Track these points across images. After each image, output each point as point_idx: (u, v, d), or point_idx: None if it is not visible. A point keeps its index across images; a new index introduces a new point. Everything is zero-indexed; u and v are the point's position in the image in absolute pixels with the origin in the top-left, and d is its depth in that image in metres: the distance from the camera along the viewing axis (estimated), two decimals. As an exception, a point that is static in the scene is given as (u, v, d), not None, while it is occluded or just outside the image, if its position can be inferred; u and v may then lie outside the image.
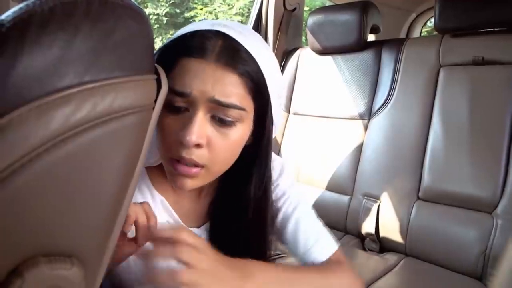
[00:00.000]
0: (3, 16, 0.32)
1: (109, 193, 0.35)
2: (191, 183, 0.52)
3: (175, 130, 0.49)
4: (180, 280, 0.42)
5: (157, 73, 0.43)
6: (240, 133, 0.52)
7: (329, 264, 0.64)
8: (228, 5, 12.33)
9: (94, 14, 0.35)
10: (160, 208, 0.58)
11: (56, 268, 0.31)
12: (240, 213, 0.60)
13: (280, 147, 1.59)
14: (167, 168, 0.53)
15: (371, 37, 1.78)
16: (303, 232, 0.64)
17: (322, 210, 1.41)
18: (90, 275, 0.36)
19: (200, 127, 0.48)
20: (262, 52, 0.53)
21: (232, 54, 0.49)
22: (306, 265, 0.64)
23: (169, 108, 0.50)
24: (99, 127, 0.34)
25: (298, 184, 1.48)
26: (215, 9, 12.28)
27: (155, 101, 0.42)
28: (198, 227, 0.64)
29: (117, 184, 0.36)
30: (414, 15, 2.26)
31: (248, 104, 0.52)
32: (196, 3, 12.46)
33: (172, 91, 0.48)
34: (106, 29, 0.36)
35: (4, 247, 0.29)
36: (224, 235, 0.61)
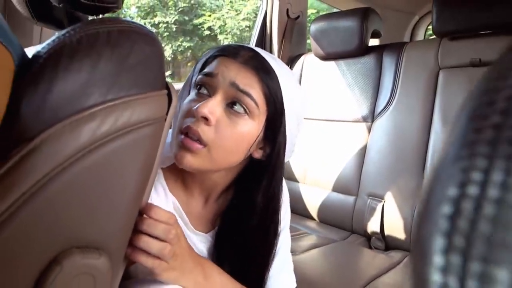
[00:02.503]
0: (40, 48, 0.38)
1: (129, 195, 0.41)
2: (191, 159, 0.55)
3: (192, 106, 0.56)
4: (159, 252, 0.48)
5: (168, 88, 0.49)
6: (247, 128, 0.57)
7: None
8: (236, 10, 12.44)
9: (113, 41, 0.41)
10: (171, 208, 0.63)
11: (87, 258, 0.36)
12: (246, 223, 0.64)
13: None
14: (176, 142, 0.57)
15: (374, 41, 1.83)
16: (277, 257, 0.69)
17: (328, 210, 1.46)
18: (114, 266, 0.41)
19: (213, 106, 0.55)
20: (286, 77, 0.60)
21: (258, 64, 0.58)
22: None
23: (197, 91, 0.59)
24: (119, 138, 0.40)
25: (304, 186, 1.53)
26: (223, 15, 12.40)
27: (167, 112, 0.48)
28: (206, 233, 0.67)
29: (136, 187, 0.42)
30: (417, 18, 2.29)
31: (261, 104, 0.58)
32: (204, 10, 12.61)
33: (202, 73, 0.58)
34: (123, 54, 0.42)
35: (45, 240, 0.34)
36: (229, 243, 0.66)
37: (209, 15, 12.45)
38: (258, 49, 0.61)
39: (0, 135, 0.34)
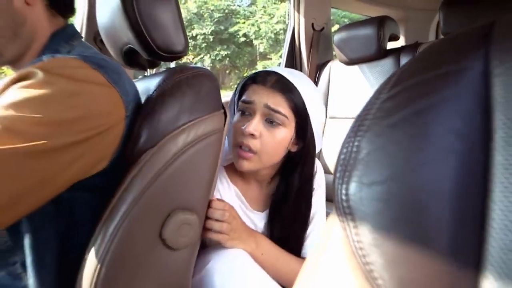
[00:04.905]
0: (151, 92, 0.63)
1: (207, 176, 0.65)
2: (247, 165, 0.78)
3: (240, 126, 0.78)
4: (219, 229, 0.71)
5: (223, 108, 0.72)
6: (283, 134, 0.78)
7: None
8: (269, 15, 12.72)
9: (190, 83, 0.66)
10: (233, 194, 0.86)
11: (186, 214, 0.61)
12: (287, 200, 0.85)
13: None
14: (233, 153, 0.80)
15: (401, 42, 1.98)
16: (314, 232, 0.88)
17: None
18: (200, 222, 0.66)
19: (256, 124, 0.76)
20: (307, 90, 0.80)
21: (282, 85, 0.78)
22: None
23: (240, 114, 0.80)
24: (198, 143, 0.64)
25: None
26: (256, 21, 12.73)
27: (224, 124, 0.72)
28: (262, 212, 0.89)
29: (209, 173, 0.66)
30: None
31: (290, 115, 0.78)
32: (238, 18, 13.01)
33: (243, 101, 0.80)
34: (197, 90, 0.66)
35: (164, 203, 0.60)
36: (276, 217, 0.87)
37: (243, 22, 12.82)
38: (282, 71, 0.80)
39: (132, 146, 0.60)
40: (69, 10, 0.67)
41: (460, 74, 0.28)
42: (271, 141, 0.78)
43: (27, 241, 0.53)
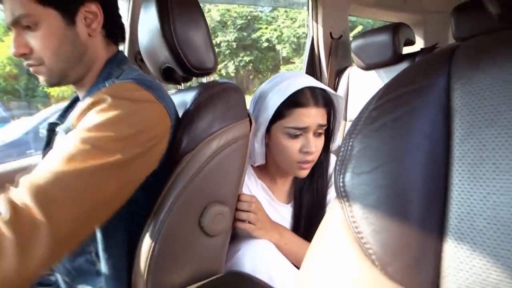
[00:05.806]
0: (188, 105, 0.75)
1: (236, 174, 0.77)
2: (306, 172, 0.93)
3: (297, 148, 0.90)
4: (247, 218, 0.83)
5: (249, 116, 0.84)
6: (323, 141, 0.94)
7: None
8: (291, 19, 12.80)
9: (220, 96, 0.77)
10: (260, 188, 0.98)
11: (219, 206, 0.73)
12: (309, 196, 0.98)
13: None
14: (293, 167, 0.93)
15: (419, 44, 2.03)
16: None
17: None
18: (231, 214, 0.77)
19: (314, 142, 0.90)
20: (336, 95, 0.95)
21: (321, 98, 0.90)
22: None
23: (290, 136, 0.90)
24: (228, 147, 0.76)
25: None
26: (279, 26, 12.81)
27: (250, 130, 0.83)
28: (288, 204, 1.01)
29: (239, 170, 0.78)
30: (458, 15, 2.43)
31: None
32: (260, 23, 13.15)
33: (294, 128, 0.89)
34: (226, 101, 0.78)
35: (202, 196, 0.72)
36: (302, 209, 0.99)
37: (266, 28, 12.94)
38: (309, 80, 0.91)
39: (175, 150, 0.72)
40: (121, 38, 0.81)
41: (428, 89, 0.38)
42: (320, 148, 0.93)
43: (99, 235, 0.67)
